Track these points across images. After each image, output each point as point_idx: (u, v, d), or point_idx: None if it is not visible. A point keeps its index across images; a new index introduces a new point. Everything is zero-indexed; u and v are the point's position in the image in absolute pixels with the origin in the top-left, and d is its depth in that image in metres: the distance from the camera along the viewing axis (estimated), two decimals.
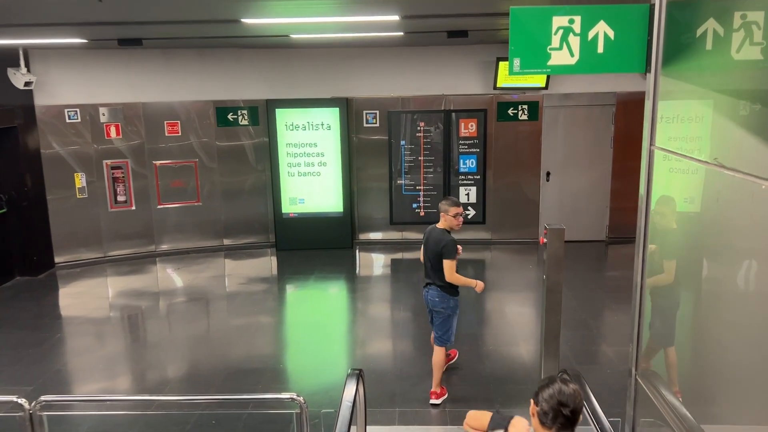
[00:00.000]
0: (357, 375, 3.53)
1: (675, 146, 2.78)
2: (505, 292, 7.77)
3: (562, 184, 9.56)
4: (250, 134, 9.39)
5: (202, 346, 6.42)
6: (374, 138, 9.48)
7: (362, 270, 9.03)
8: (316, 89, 9.26)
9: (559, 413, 2.20)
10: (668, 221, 2.98)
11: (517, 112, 9.32)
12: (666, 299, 2.98)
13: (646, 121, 2.84)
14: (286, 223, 9.46)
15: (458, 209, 5.04)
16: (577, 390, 2.27)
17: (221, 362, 6.01)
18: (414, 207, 9.66)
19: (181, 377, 5.80)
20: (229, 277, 8.76)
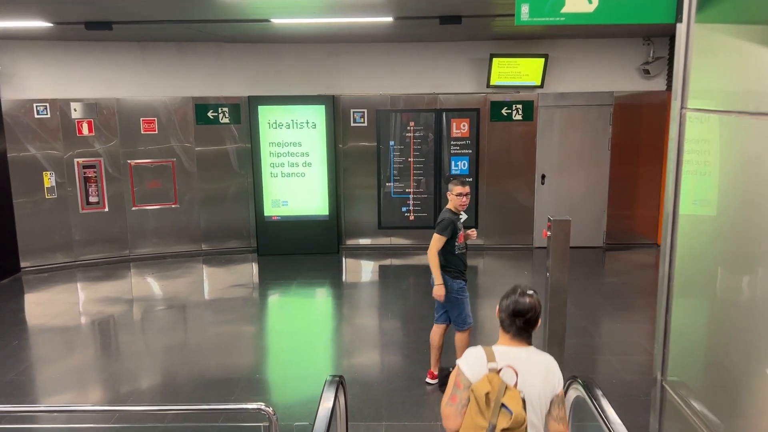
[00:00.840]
0: (337, 382, 3.05)
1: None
2: None
3: (558, 187, 9.17)
4: (232, 133, 8.93)
5: (173, 356, 5.90)
6: (362, 138, 9.05)
7: (349, 276, 8.55)
8: (301, 86, 8.83)
9: (514, 321, 2.53)
10: None
11: (511, 111, 8.94)
12: None
13: (676, 79, 2.42)
14: (269, 226, 8.97)
15: (461, 188, 4.80)
16: (534, 302, 2.53)
17: (192, 372, 5.50)
18: (403, 211, 9.22)
19: (147, 388, 5.27)
20: (206, 283, 8.25)
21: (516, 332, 2.54)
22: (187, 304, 7.35)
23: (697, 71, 2.36)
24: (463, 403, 2.46)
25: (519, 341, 2.56)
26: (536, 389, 2.48)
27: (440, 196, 9.13)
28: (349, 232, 9.37)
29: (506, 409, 2.36)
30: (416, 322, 6.53)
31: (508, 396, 2.37)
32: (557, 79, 8.86)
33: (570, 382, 3.33)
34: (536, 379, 2.48)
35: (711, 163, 2.30)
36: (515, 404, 2.35)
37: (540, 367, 2.53)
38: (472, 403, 2.42)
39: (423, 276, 8.33)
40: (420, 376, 5.24)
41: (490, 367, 2.45)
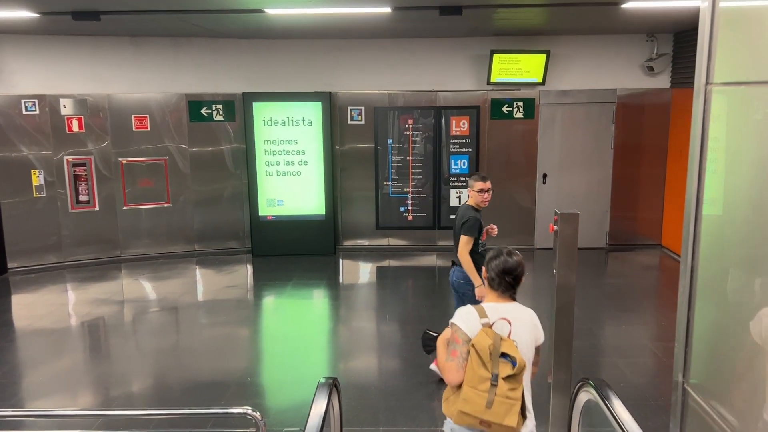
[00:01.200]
0: (330, 385, 2.82)
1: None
2: None
3: (560, 187, 8.97)
4: (226, 131, 8.71)
5: (163, 358, 5.67)
6: (359, 136, 8.85)
7: (346, 278, 8.33)
8: (297, 83, 8.63)
9: (503, 279, 2.78)
10: None
11: (511, 109, 8.74)
12: None
13: (700, 52, 2.21)
14: (264, 226, 8.75)
15: (483, 184, 4.70)
16: (520, 261, 2.81)
17: (181, 375, 5.27)
18: (402, 211, 9.01)
19: (133, 392, 5.04)
20: (199, 284, 8.01)
21: (504, 289, 2.81)
22: (179, 305, 7.12)
23: (723, 43, 2.15)
24: (464, 356, 2.62)
25: (506, 297, 2.83)
26: (525, 338, 2.74)
27: (440, 196, 8.92)
28: (346, 233, 9.15)
29: (505, 358, 2.55)
30: (414, 324, 6.31)
31: (505, 346, 2.58)
32: (559, 76, 8.67)
33: (580, 385, 3.12)
34: (524, 330, 2.76)
35: (737, 149, 2.10)
36: (515, 352, 2.56)
37: (526, 319, 2.81)
38: (474, 356, 2.57)
39: (422, 278, 8.12)
40: (419, 380, 5.01)
41: (483, 322, 2.65)
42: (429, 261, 8.69)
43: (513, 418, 2.51)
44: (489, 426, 2.54)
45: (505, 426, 2.51)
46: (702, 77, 2.22)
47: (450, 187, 8.91)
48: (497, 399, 2.50)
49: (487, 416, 2.52)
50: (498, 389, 2.50)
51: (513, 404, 2.51)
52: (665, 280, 8.07)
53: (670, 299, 7.25)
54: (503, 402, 2.50)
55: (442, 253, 8.91)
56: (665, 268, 8.42)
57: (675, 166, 8.61)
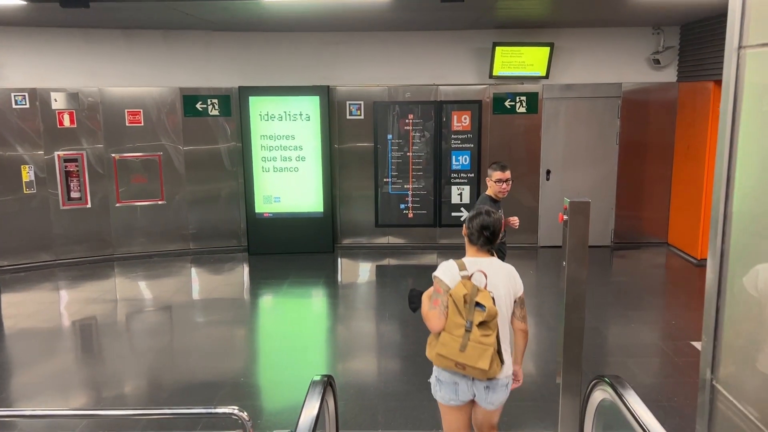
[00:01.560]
0: (324, 383, 2.61)
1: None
2: None
3: (564, 183, 8.75)
4: (222, 126, 8.50)
5: (154, 358, 5.45)
6: (358, 132, 8.63)
7: (344, 276, 8.11)
8: (294, 76, 8.42)
9: (482, 234, 3.02)
10: None
11: (514, 104, 8.53)
12: None
13: (732, 13, 2.00)
14: (260, 224, 8.53)
15: (502, 174, 4.54)
16: (497, 218, 3.06)
17: (173, 376, 5.06)
18: (402, 208, 8.79)
19: (122, 393, 4.82)
20: (193, 283, 7.79)
21: (482, 244, 3.05)
22: (173, 304, 6.89)
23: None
24: (445, 304, 2.85)
25: (483, 252, 3.06)
26: (501, 290, 2.97)
27: (441, 193, 8.71)
28: (344, 231, 8.94)
29: (479, 307, 2.79)
30: (415, 324, 6.09)
31: (481, 296, 2.82)
32: (563, 70, 8.47)
33: (595, 383, 2.90)
34: (500, 281, 2.99)
35: None
36: (487, 301, 2.79)
37: (502, 272, 3.03)
38: (451, 305, 2.83)
39: (423, 276, 7.89)
40: (420, 380, 4.79)
41: (462, 275, 2.88)
42: (430, 260, 8.47)
43: (485, 361, 2.74)
44: (464, 368, 2.81)
45: (477, 368, 2.77)
46: (734, 40, 2.00)
47: (451, 184, 8.70)
48: (470, 344, 2.76)
49: (461, 359, 2.78)
50: (471, 335, 2.76)
51: (485, 349, 2.75)
52: (673, 278, 7.86)
53: (679, 298, 7.04)
54: (476, 346, 2.76)
55: (443, 252, 8.69)
56: (672, 267, 8.20)
57: (682, 162, 8.40)
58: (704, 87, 7.76)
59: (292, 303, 7.09)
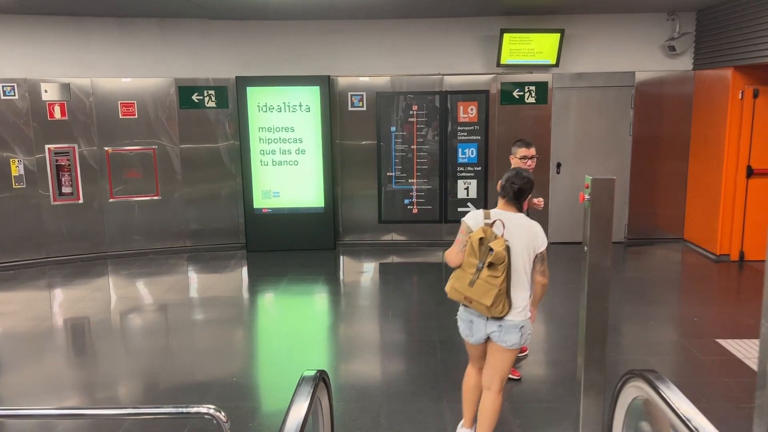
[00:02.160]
0: (315, 380, 2.26)
1: None
2: None
3: (575, 176, 8.39)
4: (219, 118, 8.18)
5: (145, 358, 5.12)
6: (361, 123, 8.30)
7: (346, 274, 7.76)
8: (293, 66, 8.10)
9: (511, 188, 3.28)
10: None
11: (523, 94, 8.19)
12: None
13: None
14: (259, 220, 8.20)
15: (527, 150, 4.36)
16: (530, 180, 3.34)
17: (162, 376, 4.72)
18: (406, 203, 8.45)
19: (109, 394, 4.48)
20: (189, 281, 7.45)
21: (510, 198, 3.29)
22: (167, 303, 6.56)
23: None
24: (464, 244, 3.21)
25: (511, 207, 3.30)
26: (520, 242, 3.20)
27: (446, 188, 8.36)
28: (346, 227, 8.60)
29: (492, 251, 3.08)
30: (420, 321, 5.75)
31: (495, 242, 3.10)
32: (573, 58, 8.12)
33: (626, 379, 2.55)
34: (520, 234, 3.21)
35: None
36: (498, 247, 3.07)
37: (524, 227, 3.25)
38: (469, 246, 3.16)
39: (428, 275, 7.55)
40: (426, 381, 4.44)
41: (485, 222, 3.20)
42: (435, 257, 8.12)
43: (489, 298, 3.10)
44: (470, 302, 3.19)
45: (481, 303, 3.14)
46: None
47: (457, 178, 8.35)
48: (479, 281, 3.12)
49: (469, 293, 3.16)
50: (481, 273, 3.11)
51: (490, 288, 3.09)
52: (691, 274, 7.48)
53: (699, 294, 6.66)
54: (482, 284, 3.11)
55: None
56: (690, 263, 7.82)
57: (699, 154, 8.03)
58: (722, 75, 7.40)
59: (291, 301, 6.75)
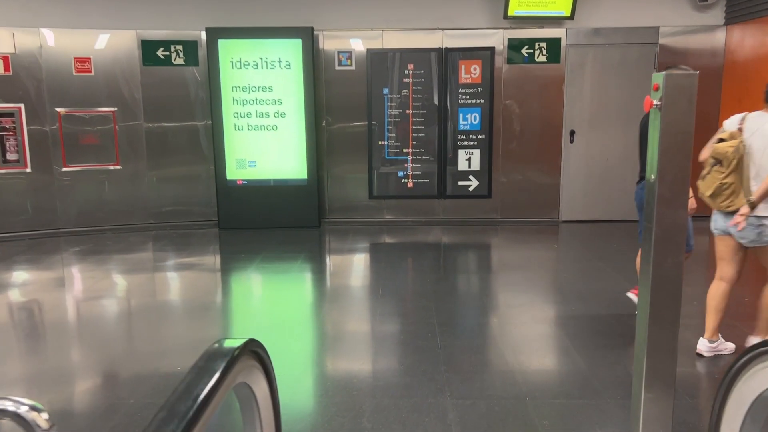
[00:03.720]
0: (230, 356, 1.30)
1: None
2: (526, 284, 5.55)
3: (590, 146, 7.45)
4: (188, 76, 7.21)
5: (89, 348, 4.16)
6: (349, 84, 7.34)
7: (331, 254, 6.79)
8: (272, 17, 7.14)
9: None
10: None
11: (532, 51, 7.24)
12: None
13: None
14: (232, 193, 7.23)
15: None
16: None
17: (106, 367, 3.77)
18: (400, 176, 7.50)
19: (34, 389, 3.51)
20: (151, 262, 6.47)
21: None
22: (124, 287, 5.59)
23: None
24: (715, 141, 3.51)
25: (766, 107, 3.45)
26: (759, 141, 3.35)
27: (446, 159, 7.41)
28: (333, 202, 7.64)
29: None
30: (415, 301, 4.81)
31: (729, 142, 3.40)
32: (590, 11, 7.19)
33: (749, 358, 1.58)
34: (759, 137, 3.35)
35: None
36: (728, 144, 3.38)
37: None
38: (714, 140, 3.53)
39: (425, 256, 6.59)
40: (423, 370, 3.48)
41: (739, 126, 3.46)
42: (433, 236, 7.18)
43: (710, 190, 3.43)
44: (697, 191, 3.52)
45: (705, 195, 3.48)
46: None
47: (458, 147, 7.40)
48: (708, 176, 3.48)
49: (701, 186, 3.51)
50: (713, 169, 3.44)
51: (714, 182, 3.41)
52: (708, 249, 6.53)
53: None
54: (709, 178, 3.46)
55: (448, 228, 7.39)
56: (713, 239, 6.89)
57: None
58: (760, 29, 6.47)
59: (268, 283, 5.78)
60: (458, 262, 6.28)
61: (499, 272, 5.82)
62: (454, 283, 5.44)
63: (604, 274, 5.49)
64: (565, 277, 5.60)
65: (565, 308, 4.65)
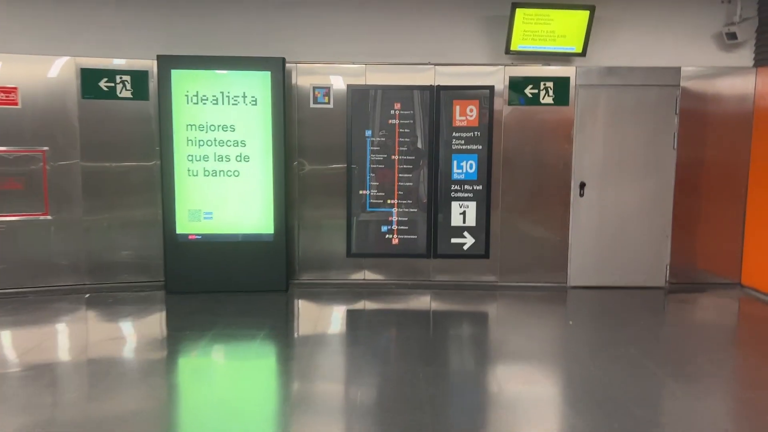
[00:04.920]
0: None
1: None
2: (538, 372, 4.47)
3: (603, 201, 6.49)
4: (136, 112, 6.13)
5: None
6: (326, 125, 6.34)
7: (302, 326, 5.65)
8: (236, 45, 6.17)
9: None
10: None
11: (537, 92, 6.32)
12: None
13: None
14: (184, 250, 6.08)
15: None
16: None
17: None
18: (384, 232, 6.45)
19: None
20: (83, 334, 5.25)
21: None
22: (43, 366, 4.36)
23: None
24: None
25: None
26: None
27: (436, 212, 6.38)
28: (304, 259, 6.53)
29: None
30: (405, 413, 3.68)
31: None
32: (604, 48, 6.34)
33: None
34: None
35: None
36: None
37: None
38: None
39: (412, 327, 5.47)
40: None
41: None
42: (421, 303, 6.11)
43: None
44: None
45: None
46: None
47: (452, 198, 6.39)
48: None
49: None
50: None
51: None
52: (752, 331, 5.54)
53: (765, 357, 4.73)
54: None
55: (439, 293, 6.33)
56: (749, 315, 5.95)
57: (762, 175, 6.22)
58: None
59: (220, 365, 4.61)
60: (452, 347, 5.16)
61: (505, 364, 4.72)
62: (446, 370, 4.32)
63: (643, 371, 4.41)
64: (595, 375, 4.50)
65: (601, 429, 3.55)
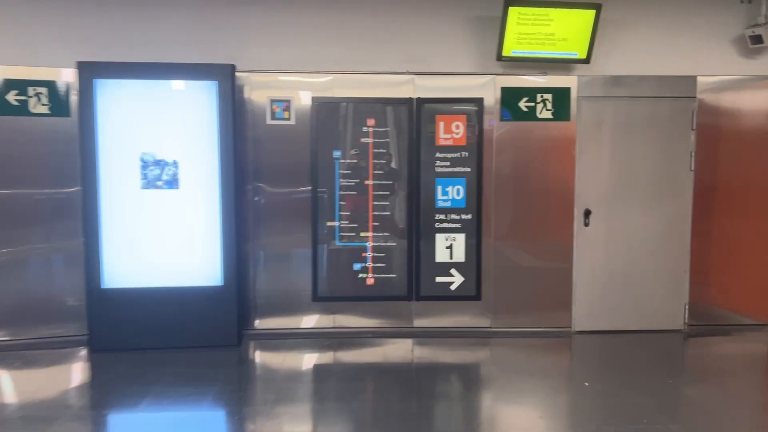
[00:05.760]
0: None
1: None
2: None
3: (611, 230, 5.60)
4: (54, 130, 5.09)
5: None
6: (286, 145, 5.37)
7: (257, 387, 4.59)
8: (176, 50, 5.21)
9: None
10: None
11: (534, 105, 5.43)
12: None
13: None
14: (111, 301, 5.00)
15: None
16: None
17: None
18: (356, 270, 5.46)
19: None
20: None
21: None
22: None
23: None
24: None
25: None
26: None
27: (418, 246, 5.42)
28: (261, 307, 5.50)
29: None
30: None
31: None
32: (609, 54, 5.52)
33: None
34: None
35: None
36: None
37: None
38: None
39: (389, 382, 4.47)
40: None
41: None
42: (401, 353, 5.14)
43: None
44: None
45: None
46: None
47: (436, 229, 5.44)
48: None
49: None
50: None
51: None
52: None
53: None
54: None
55: (422, 342, 5.34)
56: None
57: None
58: None
59: None
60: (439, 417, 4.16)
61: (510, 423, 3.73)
62: None
63: None
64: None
65: None
